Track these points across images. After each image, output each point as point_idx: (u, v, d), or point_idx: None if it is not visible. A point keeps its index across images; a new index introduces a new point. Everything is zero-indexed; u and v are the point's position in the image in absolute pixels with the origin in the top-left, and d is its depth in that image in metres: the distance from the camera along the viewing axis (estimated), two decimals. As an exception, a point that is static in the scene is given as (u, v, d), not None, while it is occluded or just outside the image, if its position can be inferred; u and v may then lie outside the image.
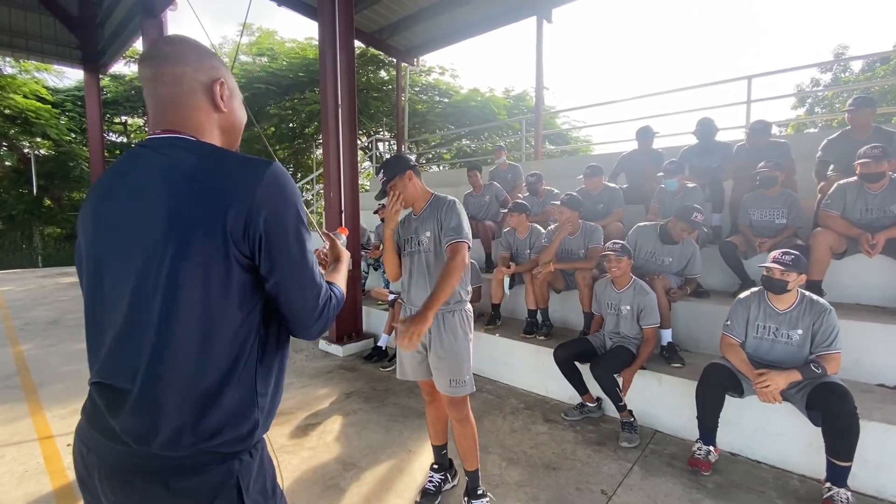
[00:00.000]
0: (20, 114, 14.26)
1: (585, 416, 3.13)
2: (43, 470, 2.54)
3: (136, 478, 0.76)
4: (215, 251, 0.75)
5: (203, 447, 0.76)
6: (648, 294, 2.97)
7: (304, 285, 0.84)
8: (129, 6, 8.48)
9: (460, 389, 2.03)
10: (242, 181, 0.77)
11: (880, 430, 2.24)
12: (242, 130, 0.97)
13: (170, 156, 0.79)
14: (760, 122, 4.19)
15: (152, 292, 0.74)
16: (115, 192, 0.82)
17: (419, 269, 2.07)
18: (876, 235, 2.96)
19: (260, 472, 0.84)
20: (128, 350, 0.76)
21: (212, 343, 0.77)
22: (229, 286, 0.77)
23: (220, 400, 0.78)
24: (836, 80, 16.45)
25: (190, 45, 0.87)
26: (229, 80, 0.91)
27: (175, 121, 0.84)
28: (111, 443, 0.77)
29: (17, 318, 6.42)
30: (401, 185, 2.01)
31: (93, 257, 0.82)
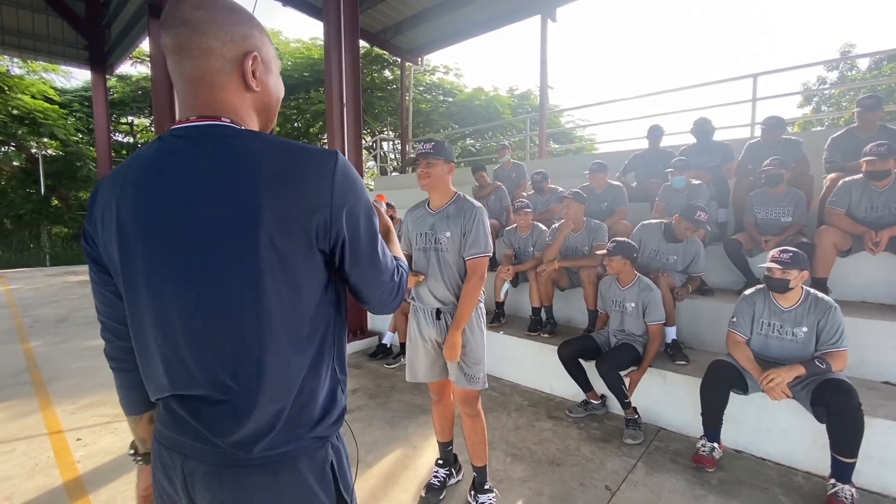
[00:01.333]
0: (28, 114, 14.41)
1: (590, 413, 3.14)
2: (53, 464, 2.58)
3: (246, 475, 0.74)
4: (298, 253, 0.71)
5: (307, 437, 0.77)
6: (653, 290, 2.97)
7: (381, 273, 0.84)
8: (136, 7, 8.56)
9: (475, 384, 2.05)
10: (317, 180, 0.71)
11: (885, 426, 2.24)
12: (278, 108, 0.86)
13: (223, 150, 0.70)
14: (774, 117, 4.17)
15: (241, 302, 0.70)
16: (159, 191, 0.71)
17: (434, 268, 2.04)
18: (880, 233, 2.95)
19: (345, 457, 0.86)
20: (218, 360, 0.72)
21: (304, 341, 0.75)
22: (312, 283, 0.75)
23: (317, 392, 0.78)
24: (842, 78, 16.33)
25: (221, 10, 0.73)
26: (265, 50, 0.78)
27: (209, 104, 0.73)
28: (212, 447, 0.74)
29: (26, 315, 6.50)
30: (438, 169, 1.97)
31: (142, 264, 0.73)
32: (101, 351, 0.92)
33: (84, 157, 16.36)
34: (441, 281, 2.03)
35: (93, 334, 5.32)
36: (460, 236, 1.98)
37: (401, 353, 4.34)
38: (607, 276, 3.24)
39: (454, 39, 9.78)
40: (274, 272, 0.70)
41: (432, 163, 1.95)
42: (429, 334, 2.11)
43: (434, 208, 2.07)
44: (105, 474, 2.47)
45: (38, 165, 15.83)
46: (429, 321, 2.09)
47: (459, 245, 2.00)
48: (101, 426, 3.04)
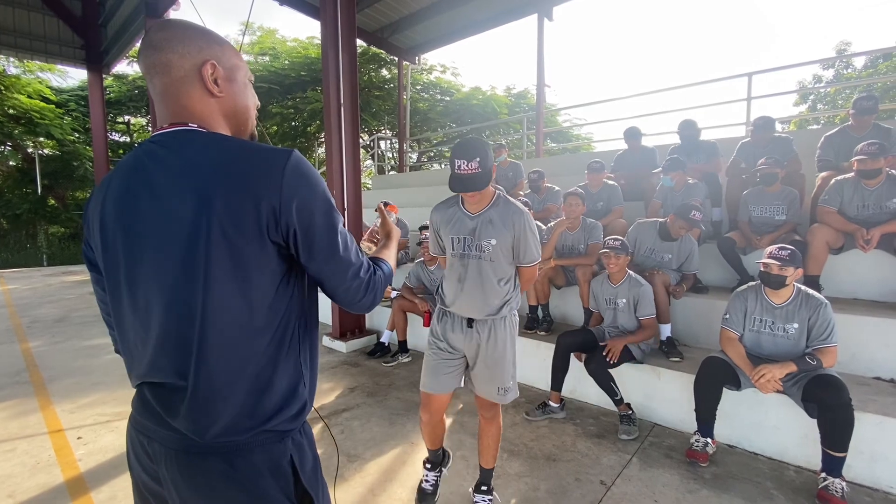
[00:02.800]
0: (24, 114, 14.34)
1: (548, 416, 3.11)
2: (54, 462, 2.60)
3: (201, 459, 0.79)
4: (250, 245, 0.75)
5: (261, 429, 0.80)
6: (643, 285, 3.00)
7: (342, 267, 0.86)
8: (132, 6, 8.53)
9: (508, 396, 1.98)
10: (267, 173, 0.76)
11: (875, 421, 2.28)
12: (251, 115, 0.92)
13: (185, 151, 0.77)
14: (764, 117, 4.22)
15: (193, 290, 0.75)
16: (134, 191, 0.79)
17: (473, 275, 1.88)
18: (871, 231, 2.99)
19: (309, 452, 0.88)
20: (175, 347, 0.77)
21: (258, 331, 0.79)
22: (268, 276, 0.79)
23: (273, 383, 0.81)
24: (838, 76, 16.40)
25: (176, 29, 0.82)
26: (225, 60, 0.85)
27: (177, 112, 0.81)
28: (172, 432, 0.79)
29: (24, 315, 6.50)
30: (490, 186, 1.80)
31: (120, 259, 0.80)
32: (99, 350, 0.96)
33: (81, 156, 16.29)
34: (480, 290, 1.88)
35: (91, 334, 5.33)
36: (510, 246, 1.84)
37: (399, 352, 4.37)
38: (599, 275, 3.26)
39: (451, 38, 9.79)
40: (224, 263, 0.74)
41: (485, 190, 1.77)
42: (456, 340, 1.99)
43: (473, 211, 1.88)
44: (106, 472, 2.49)
45: (34, 165, 15.77)
46: (458, 329, 1.97)
47: (507, 254, 1.86)
48: (101, 425, 3.06)
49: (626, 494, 2.27)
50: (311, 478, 0.86)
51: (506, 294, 1.93)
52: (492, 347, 1.94)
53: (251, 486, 0.79)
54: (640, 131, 5.16)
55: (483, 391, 2.00)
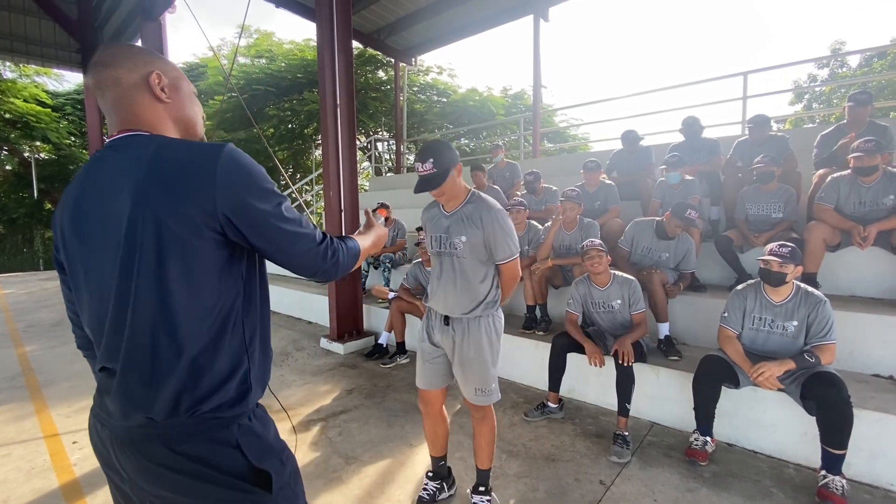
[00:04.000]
0: (20, 118, 14.32)
1: (546, 417, 3.10)
2: (49, 467, 2.58)
3: (143, 444, 0.83)
4: (188, 235, 0.79)
5: (201, 412, 0.82)
6: (631, 281, 2.95)
7: (291, 242, 0.89)
8: (128, 9, 8.52)
9: (487, 398, 1.96)
10: (201, 166, 0.80)
11: (874, 418, 2.28)
12: (199, 122, 0.99)
13: (128, 152, 0.83)
14: (760, 116, 4.23)
15: (134, 281, 0.79)
16: (85, 194, 0.86)
17: (448, 273, 1.92)
18: (868, 228, 2.99)
19: (262, 435, 0.90)
20: (117, 334, 0.82)
21: (199, 315, 0.82)
22: (208, 263, 0.82)
23: (212, 365, 0.84)
24: (833, 75, 16.47)
25: (121, 48, 0.90)
26: (170, 71, 0.93)
27: (127, 120, 0.88)
28: (116, 417, 0.85)
29: (20, 320, 6.46)
30: (449, 182, 1.78)
31: (75, 259, 0.88)
32: None
33: (77, 160, 16.24)
34: (454, 287, 1.90)
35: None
36: (482, 243, 1.85)
37: (397, 353, 4.35)
38: (580, 278, 3.16)
39: (447, 40, 9.79)
40: (160, 252, 0.78)
41: (446, 185, 1.80)
42: (438, 339, 2.01)
43: (449, 210, 1.93)
44: (102, 477, 2.42)
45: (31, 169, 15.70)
46: (437, 325, 2.01)
47: (480, 252, 1.87)
48: (97, 429, 3.04)
49: (625, 494, 2.26)
50: (263, 457, 0.87)
51: (483, 294, 1.91)
52: (465, 347, 1.93)
53: (194, 470, 0.82)
54: (637, 135, 5.11)
55: (463, 391, 2.01)
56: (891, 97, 12.72)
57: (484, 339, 1.93)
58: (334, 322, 4.81)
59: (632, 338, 2.82)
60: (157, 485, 0.83)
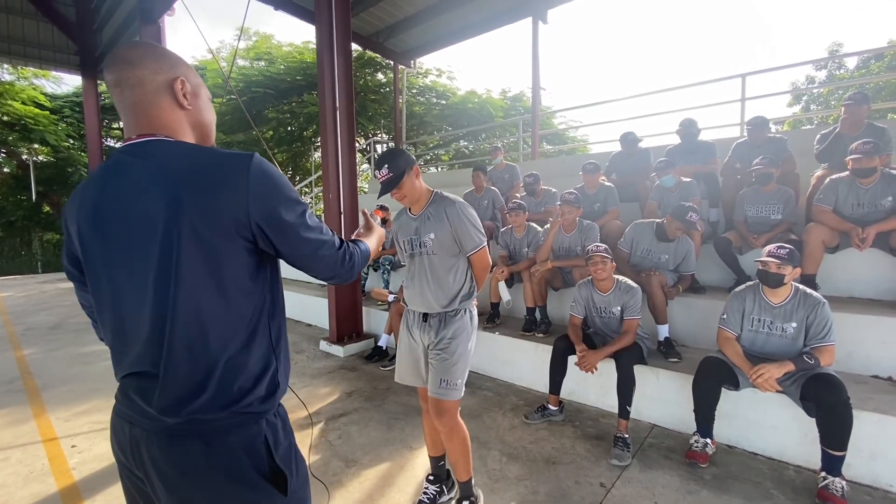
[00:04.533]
0: (19, 120, 14.29)
1: (546, 419, 3.09)
2: (48, 471, 2.57)
3: (181, 440, 0.84)
4: (221, 242, 0.82)
5: (235, 409, 0.85)
6: (633, 289, 2.92)
7: (313, 248, 0.94)
8: (127, 12, 8.53)
9: (448, 392, 1.93)
10: (233, 177, 0.82)
11: (874, 419, 2.28)
12: (213, 129, 1.00)
13: (155, 159, 0.83)
14: (759, 117, 4.24)
15: (165, 286, 0.80)
16: (109, 197, 0.85)
17: (421, 272, 1.99)
18: (866, 229, 3.00)
19: (284, 433, 0.93)
20: (149, 339, 0.83)
21: (232, 320, 0.86)
22: (239, 269, 0.86)
23: (247, 365, 0.87)
24: (830, 77, 16.52)
25: (147, 48, 0.89)
26: (192, 77, 0.94)
27: (148, 124, 0.87)
28: (150, 415, 0.84)
29: (18, 323, 6.45)
30: (407, 185, 1.88)
31: (96, 261, 0.87)
32: (95, 357, 0.99)
33: (76, 162, 16.23)
34: (428, 285, 1.96)
35: (86, 341, 5.29)
36: (450, 237, 1.92)
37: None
38: (583, 281, 3.14)
39: (446, 42, 9.81)
40: (195, 260, 0.81)
41: (403, 184, 1.87)
42: (417, 336, 2.06)
43: (415, 213, 2.02)
44: (101, 481, 2.46)
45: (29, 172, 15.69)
46: (416, 323, 2.05)
47: (450, 246, 1.94)
48: (96, 433, 3.03)
49: (625, 496, 2.26)
50: (284, 457, 0.90)
51: (458, 287, 1.98)
52: (441, 338, 1.97)
53: (227, 464, 0.84)
54: (636, 137, 5.14)
55: (430, 385, 1.98)
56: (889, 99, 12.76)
57: (460, 331, 1.98)
58: (334, 324, 4.81)
59: (607, 351, 2.85)
60: (186, 481, 0.84)
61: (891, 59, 14.11)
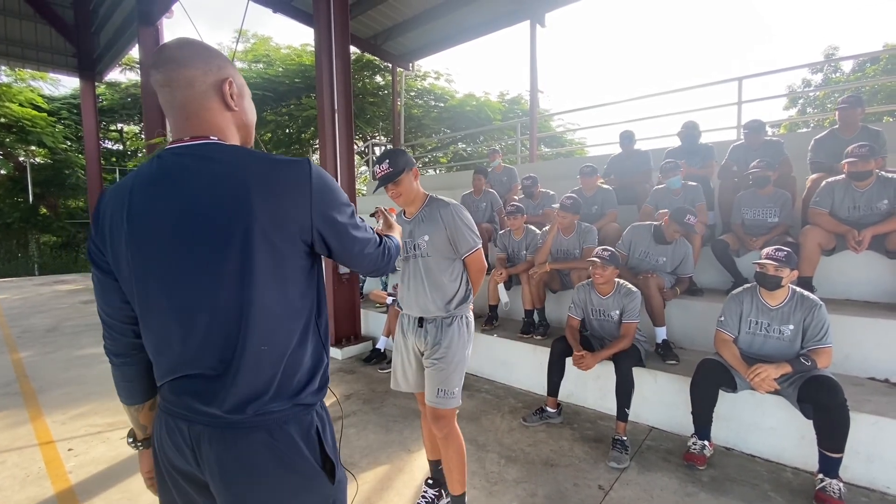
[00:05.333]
0: (16, 122, 14.23)
1: (545, 422, 3.09)
2: (44, 474, 2.56)
3: (245, 434, 0.86)
4: (286, 245, 0.86)
5: (294, 402, 0.89)
6: (633, 293, 2.91)
7: (361, 247, 1.00)
8: (125, 14, 8.52)
9: (447, 401, 1.91)
10: (296, 183, 0.85)
11: (870, 421, 2.29)
12: (253, 129, 1.01)
13: (216, 163, 0.84)
14: (755, 121, 4.27)
15: (237, 289, 0.83)
16: (166, 200, 0.83)
17: (415, 274, 1.97)
18: (862, 232, 3.01)
19: (328, 423, 0.97)
20: (219, 341, 0.84)
21: (290, 319, 0.89)
22: (299, 270, 0.90)
23: (303, 362, 0.91)
24: (826, 80, 16.62)
25: (197, 47, 0.89)
26: (237, 78, 0.94)
27: (199, 125, 0.88)
28: (213, 413, 0.85)
29: (14, 325, 6.42)
30: (405, 183, 1.89)
31: (153, 265, 0.85)
32: (92, 360, 0.98)
33: (73, 164, 16.15)
34: (423, 288, 1.94)
35: (83, 343, 5.27)
36: (446, 239, 1.91)
37: (395, 358, 4.34)
38: (582, 283, 3.14)
39: (444, 45, 9.84)
40: (265, 263, 0.83)
41: (397, 181, 1.87)
42: (412, 342, 2.03)
43: (409, 215, 2.01)
44: (98, 484, 2.45)
45: (26, 174, 15.62)
46: (411, 329, 2.03)
47: (445, 249, 1.93)
48: (92, 436, 3.02)
49: (624, 499, 2.26)
50: (331, 446, 0.94)
51: (454, 291, 1.96)
52: (438, 345, 1.95)
53: (288, 452, 0.87)
54: (633, 135, 5.19)
55: (426, 394, 1.97)
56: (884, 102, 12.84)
57: (456, 339, 1.95)
58: (332, 327, 4.80)
59: (605, 354, 2.86)
60: (249, 473, 0.85)
61: (886, 63, 14.21)
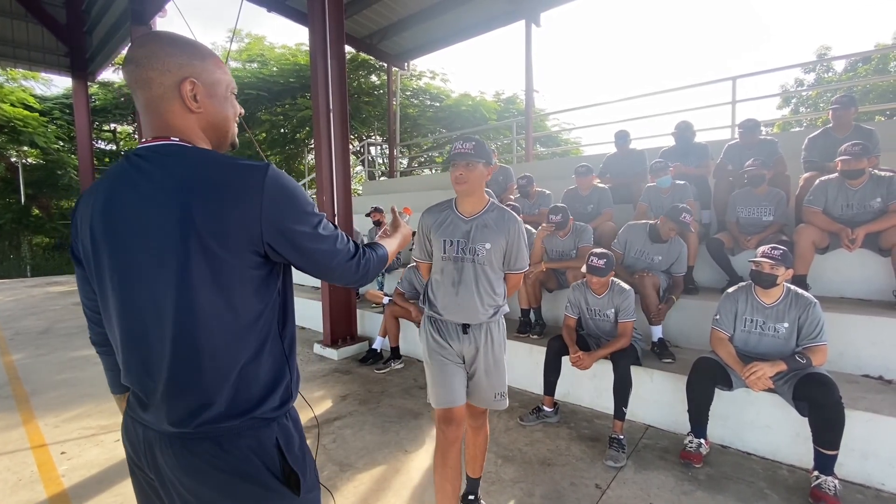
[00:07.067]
0: (7, 122, 14.09)
1: (542, 421, 3.09)
2: (37, 478, 2.53)
3: (194, 444, 0.84)
4: (230, 255, 0.80)
5: (248, 417, 0.85)
6: (626, 291, 2.91)
7: (328, 259, 0.92)
8: (118, 13, 8.45)
9: (503, 402, 1.97)
10: (246, 189, 0.80)
11: (865, 418, 2.30)
12: (231, 126, 0.95)
13: (167, 164, 0.81)
14: (751, 120, 4.29)
15: (170, 296, 0.79)
16: (119, 202, 0.83)
17: (466, 279, 1.85)
18: (855, 230, 3.03)
19: (295, 434, 0.94)
20: (161, 353, 0.82)
21: (242, 330, 0.84)
22: (248, 281, 0.84)
23: (259, 376, 0.87)
24: (819, 80, 16.74)
25: (157, 45, 0.83)
26: (205, 75, 0.87)
27: (159, 127, 0.85)
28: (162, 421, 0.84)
29: (6, 327, 6.35)
30: (477, 173, 1.79)
31: (102, 264, 0.85)
32: (85, 362, 0.98)
33: (65, 165, 16.02)
34: (475, 294, 1.85)
35: (76, 346, 5.22)
36: (503, 251, 1.87)
37: (391, 358, 4.33)
38: (577, 283, 3.13)
39: (440, 44, 9.82)
40: (202, 271, 0.79)
41: (472, 165, 1.77)
42: (457, 350, 1.92)
43: (467, 214, 1.88)
44: (91, 487, 2.43)
45: (17, 174, 15.49)
46: (454, 336, 1.91)
47: (501, 258, 1.88)
48: (85, 439, 2.99)
49: (621, 498, 2.26)
50: (297, 458, 0.91)
51: (501, 298, 1.95)
52: (490, 351, 1.92)
53: (239, 466, 0.84)
54: (629, 135, 5.21)
55: (479, 399, 1.96)
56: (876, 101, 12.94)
57: (502, 342, 1.98)
58: (328, 327, 4.79)
59: (602, 353, 2.86)
60: (200, 482, 0.84)
61: (877, 63, 14.33)
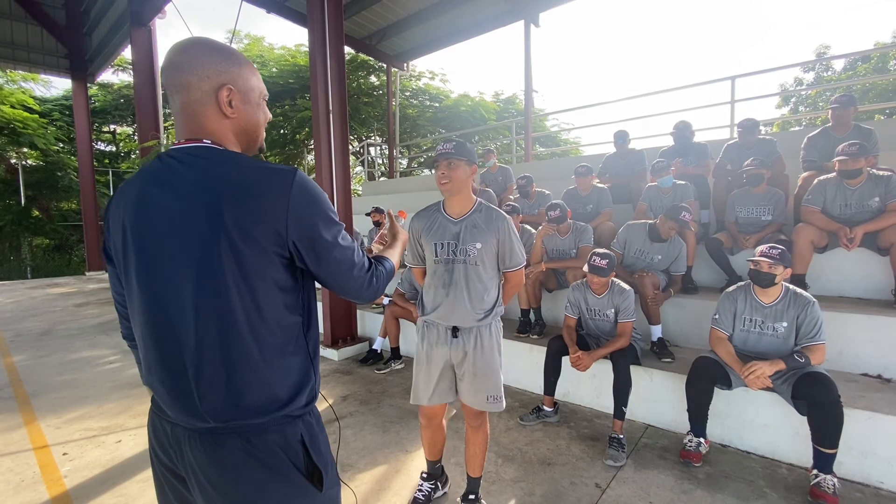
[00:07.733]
0: (7, 124, 14.09)
1: (542, 421, 3.10)
2: (39, 479, 2.54)
3: (223, 439, 0.86)
4: (257, 257, 0.83)
5: (276, 415, 0.88)
6: (626, 291, 2.91)
7: (346, 270, 0.94)
8: (118, 15, 8.47)
9: (497, 405, 1.94)
10: (274, 193, 0.83)
11: (864, 417, 2.31)
12: (261, 130, 0.99)
13: (199, 166, 0.84)
14: (749, 120, 4.30)
15: (206, 294, 0.82)
16: (151, 201, 0.86)
17: (457, 281, 1.85)
18: (854, 229, 3.04)
19: (319, 432, 0.96)
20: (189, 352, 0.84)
21: (269, 332, 0.87)
22: (275, 283, 0.87)
23: (287, 377, 0.90)
24: (818, 79, 16.75)
25: (197, 51, 0.88)
26: (241, 82, 0.91)
27: (194, 129, 0.88)
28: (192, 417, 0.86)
29: (7, 329, 6.35)
30: (460, 172, 1.80)
31: (134, 264, 0.87)
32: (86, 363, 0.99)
33: (65, 166, 16.01)
34: (464, 296, 1.86)
35: (77, 347, 5.23)
36: (495, 250, 1.87)
37: (392, 359, 4.34)
38: (577, 283, 3.14)
39: (439, 45, 9.84)
40: (233, 271, 0.82)
41: (454, 164, 1.79)
42: (441, 354, 1.95)
43: (455, 216, 1.90)
44: (93, 488, 2.44)
45: (17, 176, 15.49)
46: (442, 339, 1.93)
47: (494, 258, 1.89)
48: (87, 440, 2.99)
49: (620, 497, 2.27)
50: (320, 454, 0.93)
51: (493, 300, 1.93)
52: (479, 355, 1.91)
53: (266, 460, 0.86)
54: (628, 135, 5.22)
55: (471, 400, 1.96)
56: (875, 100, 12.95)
57: (494, 345, 1.94)
58: (328, 328, 4.79)
59: (602, 352, 2.86)
60: (227, 477, 0.86)
61: (877, 62, 14.34)
